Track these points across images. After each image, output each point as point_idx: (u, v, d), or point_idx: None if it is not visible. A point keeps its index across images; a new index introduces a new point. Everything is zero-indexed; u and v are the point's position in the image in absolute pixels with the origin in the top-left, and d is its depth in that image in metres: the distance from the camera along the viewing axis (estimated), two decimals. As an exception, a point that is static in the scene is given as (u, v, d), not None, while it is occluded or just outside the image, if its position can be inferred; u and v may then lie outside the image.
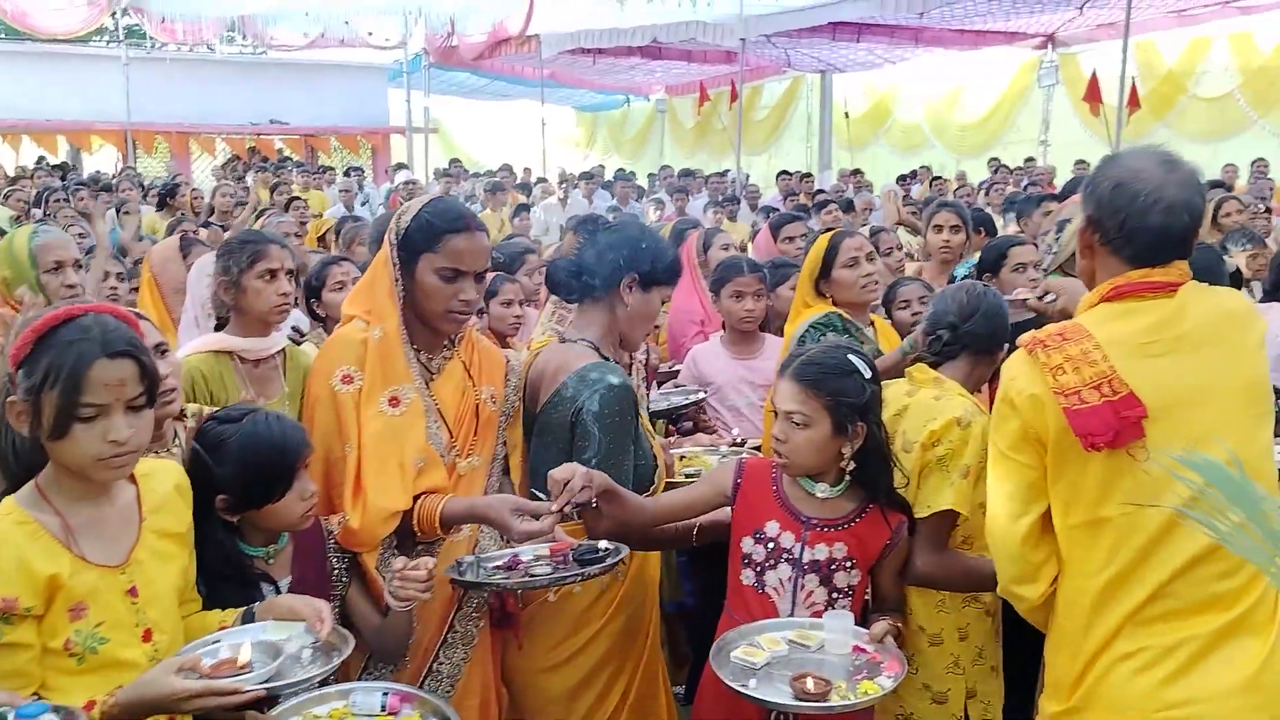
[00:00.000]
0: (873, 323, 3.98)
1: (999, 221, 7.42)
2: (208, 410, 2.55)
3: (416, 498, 2.58)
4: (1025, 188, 12.16)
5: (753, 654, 2.36)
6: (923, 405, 2.77)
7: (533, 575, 2.48)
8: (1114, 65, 10.81)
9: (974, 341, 2.84)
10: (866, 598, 2.67)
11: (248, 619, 2.19)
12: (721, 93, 17.43)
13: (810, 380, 2.50)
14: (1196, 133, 16.21)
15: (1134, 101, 12.64)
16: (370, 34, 17.57)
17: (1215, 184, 10.24)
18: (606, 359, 2.85)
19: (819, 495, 2.57)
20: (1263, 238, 6.14)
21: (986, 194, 11.75)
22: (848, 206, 10.36)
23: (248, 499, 2.33)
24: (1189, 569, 2.02)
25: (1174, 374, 2.07)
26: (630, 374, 2.96)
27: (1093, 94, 13.30)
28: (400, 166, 18.11)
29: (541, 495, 2.55)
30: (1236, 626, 2.01)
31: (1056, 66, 16.90)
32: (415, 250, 2.59)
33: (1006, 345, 2.78)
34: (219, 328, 3.12)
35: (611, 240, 2.92)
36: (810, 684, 2.20)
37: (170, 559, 2.11)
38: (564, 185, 12.79)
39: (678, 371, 4.59)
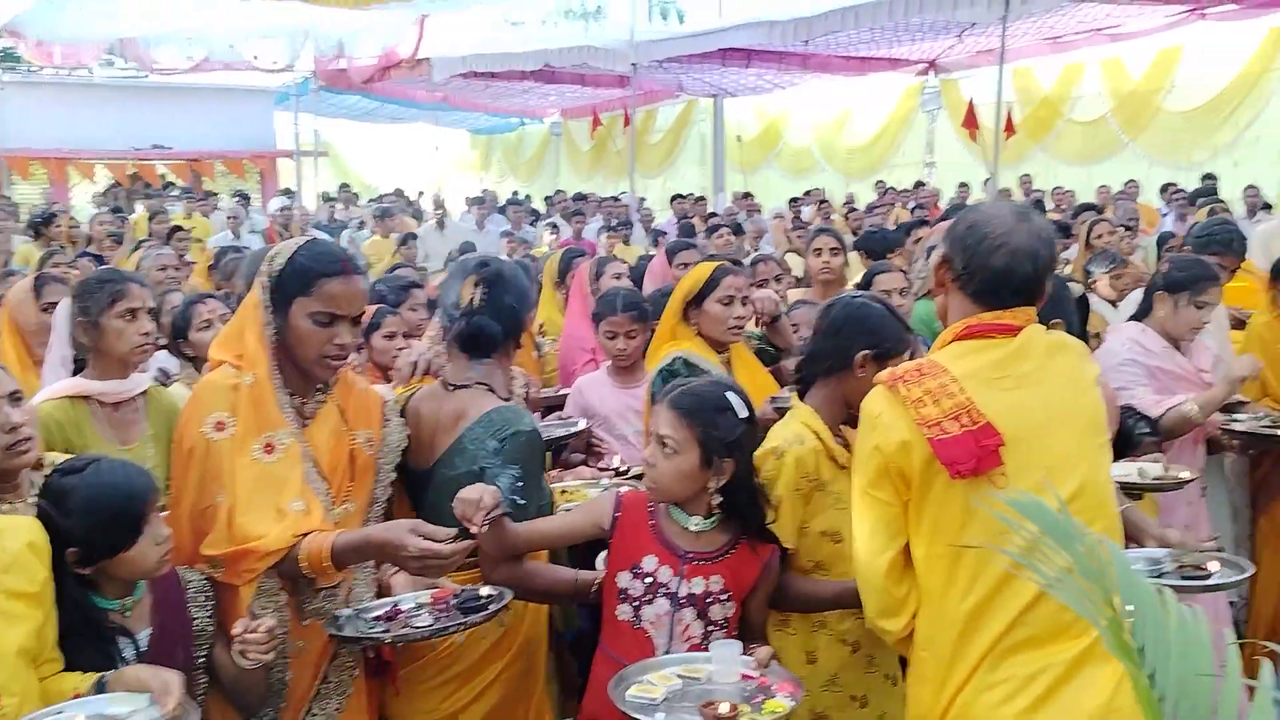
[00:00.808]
0: (729, 359, 3.91)
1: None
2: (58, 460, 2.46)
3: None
4: (913, 210, 12.47)
5: (649, 690, 2.35)
6: (771, 432, 2.81)
7: (414, 626, 2.43)
8: (993, 91, 11.19)
9: (824, 364, 2.84)
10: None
11: (100, 688, 2.11)
12: (615, 116, 17.54)
13: (686, 410, 2.52)
14: (1072, 155, 16.85)
15: (1010, 127, 13.05)
16: (256, 57, 17.20)
17: (1088, 206, 10.65)
18: (508, 399, 2.81)
19: (692, 529, 2.58)
20: (1124, 258, 6.38)
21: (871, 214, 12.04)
22: (737, 230, 10.49)
23: (99, 549, 2.25)
24: (1043, 596, 2.06)
25: (1024, 406, 2.17)
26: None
27: (970, 120, 13.72)
28: (286, 192, 17.75)
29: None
30: (1089, 654, 2.06)
31: (939, 92, 17.43)
32: (288, 294, 2.52)
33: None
34: (77, 370, 3.01)
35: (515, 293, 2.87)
36: (724, 708, 2.19)
37: (19, 620, 2.02)
38: (440, 211, 12.64)
39: (564, 398, 4.56)
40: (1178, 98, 15.58)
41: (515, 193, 19.14)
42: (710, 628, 2.55)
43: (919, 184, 16.60)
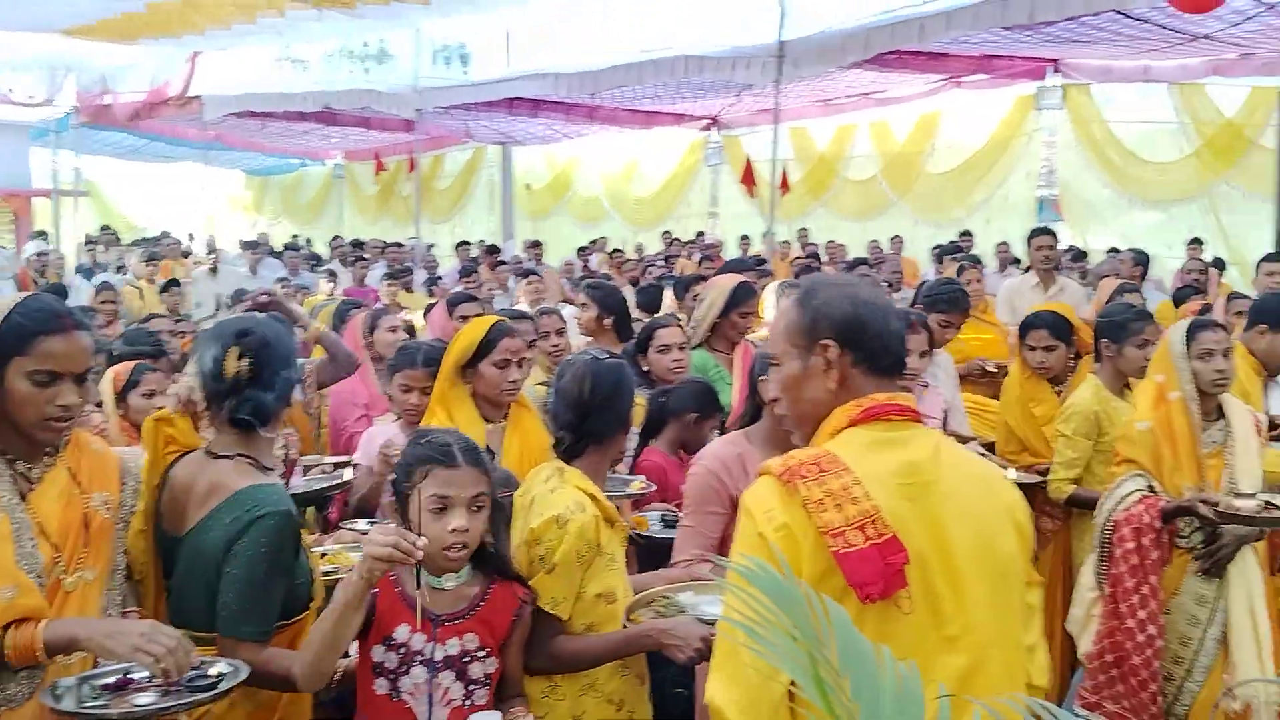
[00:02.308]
0: (506, 419, 3.78)
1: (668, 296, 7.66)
2: None
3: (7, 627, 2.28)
4: (700, 262, 12.78)
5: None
6: (542, 498, 2.76)
7: (135, 704, 2.25)
8: (770, 148, 11.65)
9: (597, 433, 2.84)
10: None
11: None
12: (400, 160, 17.31)
13: None
14: (848, 211, 17.66)
15: (785, 184, 13.60)
16: (10, 90, 16.08)
17: (860, 261, 11.20)
18: (269, 469, 2.67)
19: (448, 586, 2.54)
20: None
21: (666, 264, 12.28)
22: (526, 274, 10.48)
23: None
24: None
25: (931, 519, 1.93)
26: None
27: (748, 177, 14.24)
28: (39, 234, 16.60)
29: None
30: None
31: (721, 147, 18.03)
32: (3, 355, 2.33)
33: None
34: None
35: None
36: None
37: None
38: (213, 255, 12.11)
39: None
40: (938, 160, 16.57)
41: (295, 236, 18.50)
42: (471, 687, 2.51)
43: (700, 234, 17.06)
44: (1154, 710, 3.55)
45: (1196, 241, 12.20)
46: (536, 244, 14.69)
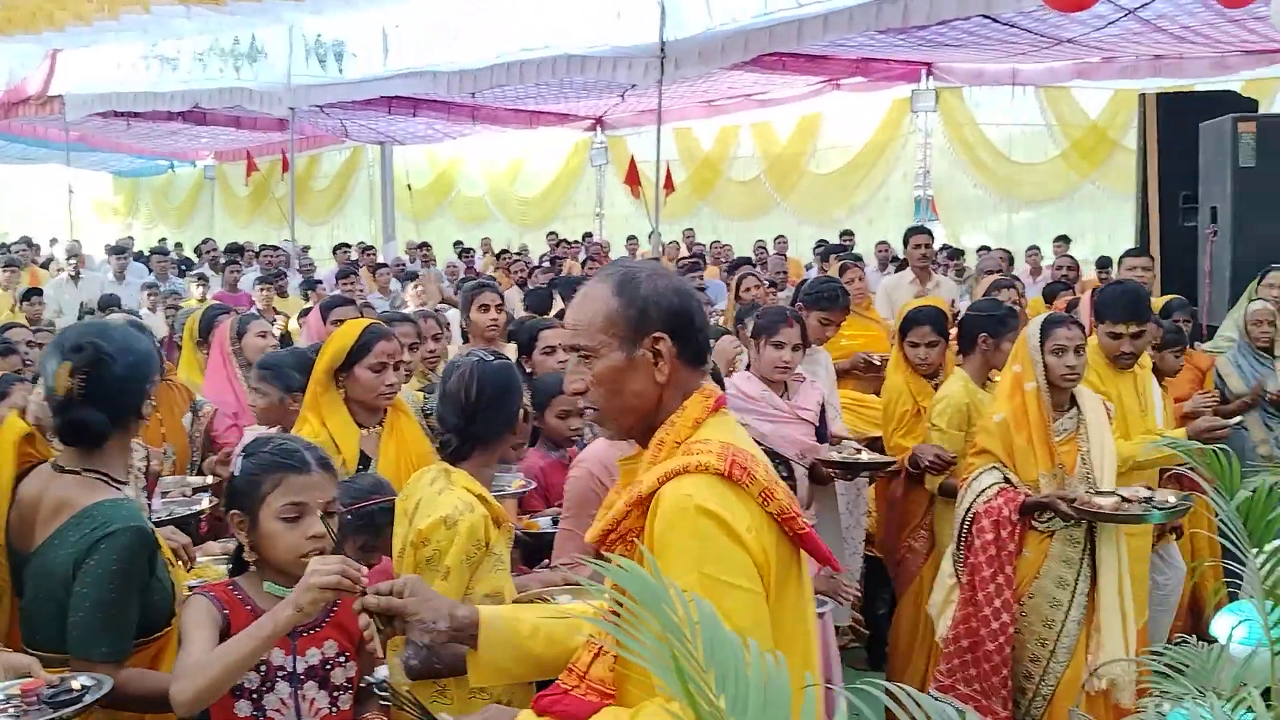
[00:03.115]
0: (382, 424, 3.67)
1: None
2: None
3: None
4: (584, 263, 12.73)
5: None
6: (428, 500, 2.69)
7: None
8: (655, 149, 11.70)
9: (484, 435, 2.79)
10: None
11: None
12: (274, 161, 16.86)
13: None
14: (734, 212, 17.85)
15: (669, 184, 13.65)
16: None
17: (744, 260, 11.27)
18: (122, 483, 2.51)
19: None
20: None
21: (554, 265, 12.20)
22: (410, 278, 10.31)
23: None
24: None
25: None
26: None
27: (632, 177, 14.25)
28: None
29: None
30: None
31: (606, 148, 18.03)
32: None
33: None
34: None
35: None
36: None
37: None
38: (73, 261, 11.58)
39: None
40: (820, 161, 16.88)
41: (162, 240, 17.85)
42: (336, 694, 2.43)
43: (586, 235, 17.02)
44: (1004, 694, 3.66)
45: (1064, 239, 12.62)
46: (424, 245, 14.46)
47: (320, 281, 10.60)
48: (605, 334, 1.95)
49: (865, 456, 4.17)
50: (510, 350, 4.72)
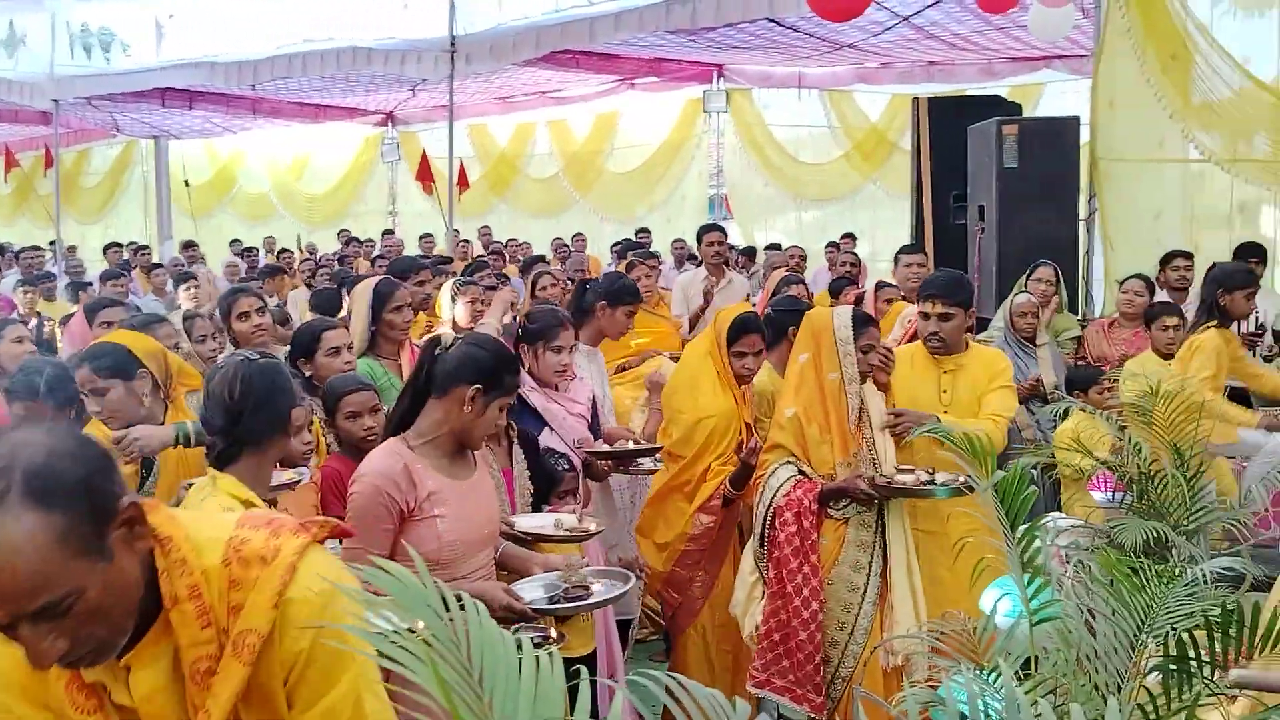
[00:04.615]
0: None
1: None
2: None
3: None
4: (374, 261, 12.36)
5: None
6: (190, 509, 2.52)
7: None
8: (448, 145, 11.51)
9: (253, 437, 2.63)
10: None
11: None
12: (37, 157, 15.69)
13: None
14: (532, 209, 17.75)
15: (464, 181, 13.45)
16: None
17: (537, 258, 11.19)
18: None
19: None
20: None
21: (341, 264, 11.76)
22: (185, 279, 9.74)
23: None
24: None
25: None
26: None
27: (424, 173, 13.96)
28: None
29: None
30: None
31: (398, 143, 17.62)
32: None
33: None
34: None
35: None
36: None
37: None
38: None
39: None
40: (618, 159, 17.00)
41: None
42: None
43: (388, 232, 16.53)
44: (817, 681, 3.73)
45: (850, 236, 13.13)
46: (192, 245, 13.73)
47: (90, 283, 9.92)
48: (69, 564, 1.45)
49: (632, 445, 4.15)
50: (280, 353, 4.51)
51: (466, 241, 13.98)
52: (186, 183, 17.35)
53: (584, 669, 1.56)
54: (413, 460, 2.81)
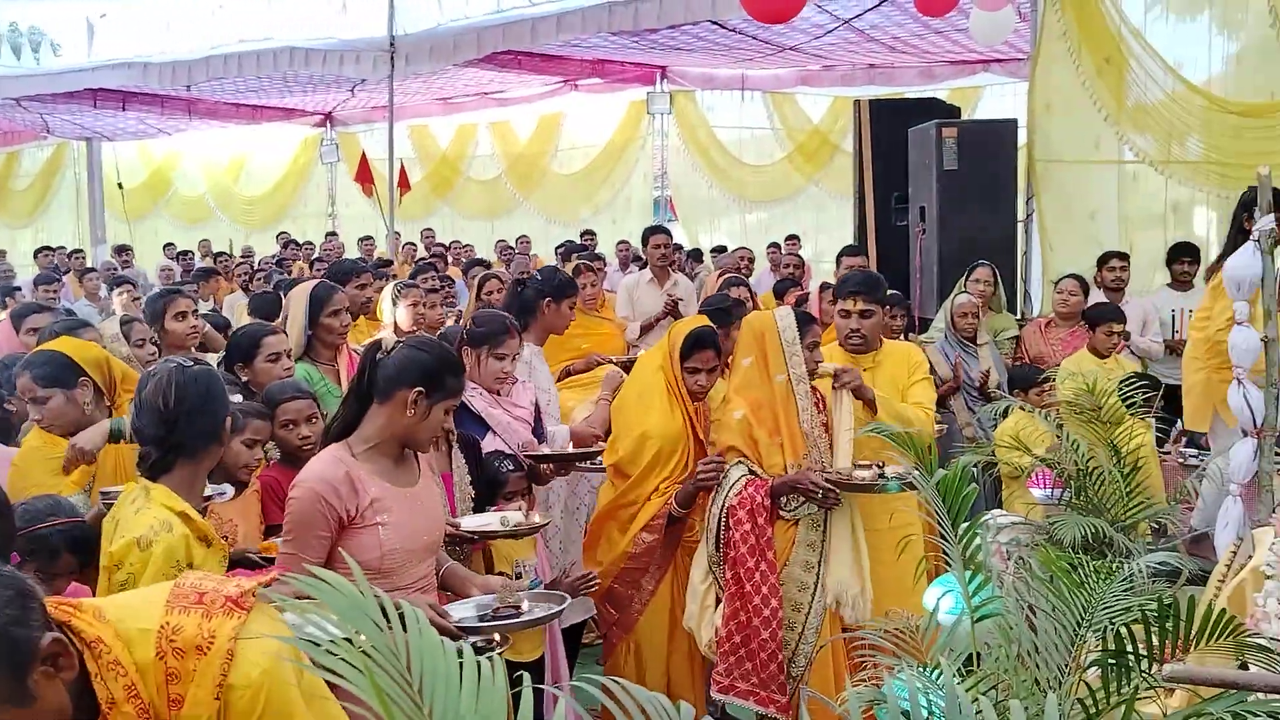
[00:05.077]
0: None
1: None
2: None
3: None
4: (313, 264, 12.20)
5: None
6: (125, 520, 2.47)
7: None
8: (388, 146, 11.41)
9: (187, 446, 2.57)
10: None
11: None
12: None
13: None
14: (475, 211, 17.63)
15: (404, 182, 13.32)
16: None
17: (478, 262, 11.13)
18: None
19: None
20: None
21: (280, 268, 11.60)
22: (120, 283, 9.55)
23: None
24: None
25: None
26: None
27: (363, 174, 13.82)
28: None
29: None
30: None
31: (337, 144, 17.42)
32: None
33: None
34: None
35: None
36: None
37: None
38: None
39: None
40: (561, 161, 16.94)
41: None
42: None
43: (331, 234, 16.31)
44: (781, 680, 3.72)
45: (794, 237, 13.21)
46: (124, 249, 13.47)
47: (19, 288, 9.70)
48: None
49: (571, 449, 4.13)
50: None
51: (412, 244, 13.87)
52: (120, 185, 16.99)
53: (527, 674, 1.54)
54: (355, 467, 2.76)
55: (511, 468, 3.78)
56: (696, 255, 12.86)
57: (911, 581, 3.04)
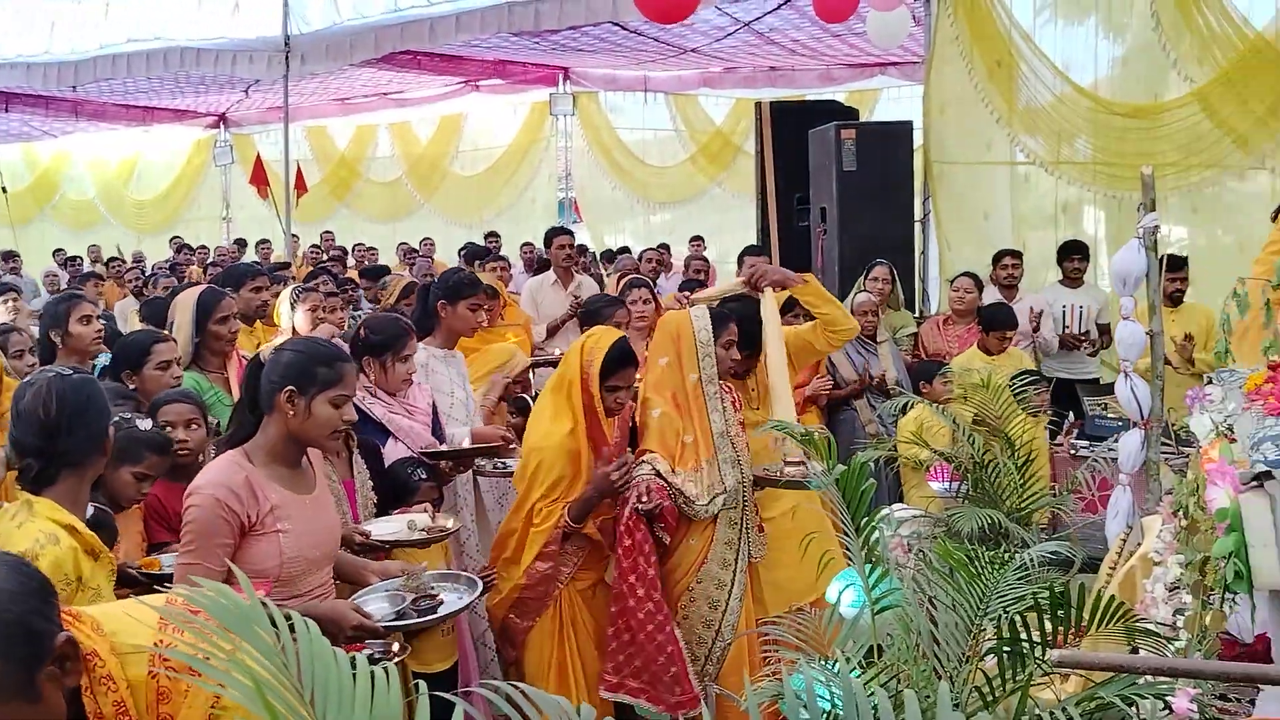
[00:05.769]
0: None
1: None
2: None
3: None
4: (206, 269, 11.89)
5: None
6: (6, 535, 2.36)
7: None
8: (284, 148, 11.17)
9: (71, 456, 2.48)
10: None
11: None
12: None
13: None
14: (375, 214, 17.37)
15: (301, 185, 13.08)
16: None
17: (381, 269, 10.96)
18: None
19: None
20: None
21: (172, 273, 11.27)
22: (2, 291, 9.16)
23: None
24: None
25: None
26: None
27: (259, 177, 13.53)
28: None
29: None
30: None
31: (231, 146, 17.03)
32: None
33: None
34: None
35: None
36: None
37: None
38: None
39: None
40: (464, 162, 16.79)
41: None
42: None
43: (238, 241, 15.85)
44: (668, 678, 3.66)
45: (698, 239, 13.29)
46: (10, 255, 12.96)
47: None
48: None
49: (468, 444, 4.05)
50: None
51: (316, 247, 13.61)
52: (3, 189, 16.36)
53: (423, 684, 1.51)
54: (253, 473, 2.71)
55: (424, 475, 3.72)
56: (609, 256, 12.85)
57: (814, 577, 3.07)
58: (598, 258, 13.06)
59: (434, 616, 2.89)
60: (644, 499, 3.64)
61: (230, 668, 1.35)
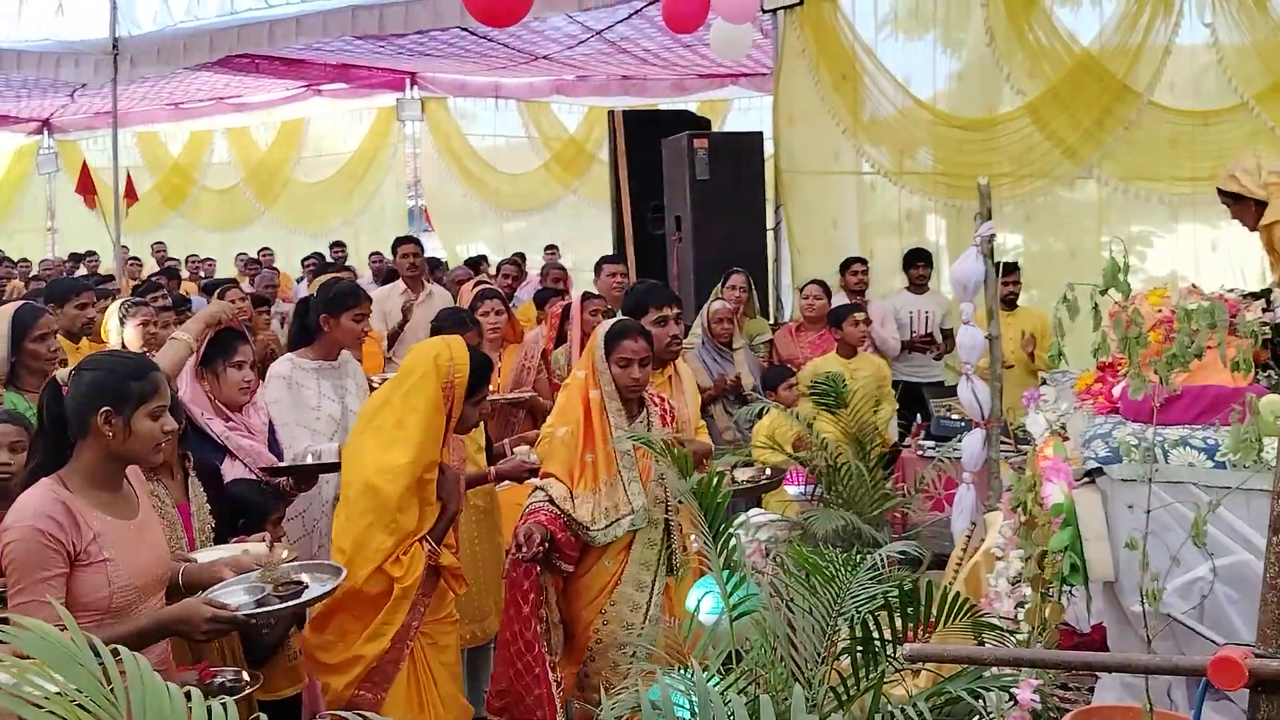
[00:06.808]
0: None
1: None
2: None
3: None
4: (29, 283, 11.21)
5: None
6: None
7: None
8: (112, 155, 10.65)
9: None
10: None
11: None
12: None
13: None
14: (211, 223, 16.74)
15: (131, 193, 12.50)
16: None
17: (226, 281, 10.53)
18: None
19: None
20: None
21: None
22: None
23: None
24: None
25: None
26: None
27: (85, 185, 12.87)
28: None
29: None
30: None
31: (56, 153, 16.19)
32: None
33: None
34: None
35: None
36: None
37: None
38: None
39: None
40: (306, 169, 16.32)
41: None
42: None
43: (76, 255, 14.93)
44: (539, 692, 3.50)
45: (553, 247, 13.24)
46: None
47: None
48: None
49: (310, 460, 3.89)
50: None
51: (136, 259, 13.01)
52: None
53: (264, 715, 1.43)
54: (71, 499, 2.52)
55: (276, 499, 3.57)
56: (475, 263, 12.62)
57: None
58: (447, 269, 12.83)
59: (298, 600, 2.74)
60: (523, 549, 3.41)
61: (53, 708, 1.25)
